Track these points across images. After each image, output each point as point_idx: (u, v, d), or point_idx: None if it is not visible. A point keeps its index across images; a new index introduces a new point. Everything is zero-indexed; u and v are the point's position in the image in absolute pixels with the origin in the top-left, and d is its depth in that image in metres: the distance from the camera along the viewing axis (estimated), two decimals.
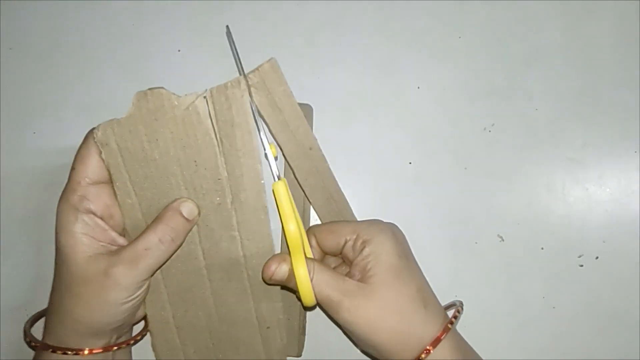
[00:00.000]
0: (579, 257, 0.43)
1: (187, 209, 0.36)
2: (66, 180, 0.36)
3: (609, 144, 0.44)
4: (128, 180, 0.36)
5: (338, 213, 0.41)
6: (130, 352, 0.41)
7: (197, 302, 0.39)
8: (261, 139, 0.36)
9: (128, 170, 0.36)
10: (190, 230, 0.37)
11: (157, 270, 0.36)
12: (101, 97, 0.45)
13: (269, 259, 0.35)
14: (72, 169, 0.35)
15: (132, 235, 0.36)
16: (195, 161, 0.36)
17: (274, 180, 0.35)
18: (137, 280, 0.34)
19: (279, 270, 0.35)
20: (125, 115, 0.36)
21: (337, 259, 0.39)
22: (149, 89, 0.36)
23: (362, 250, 0.35)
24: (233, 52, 0.38)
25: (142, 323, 0.40)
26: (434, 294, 0.36)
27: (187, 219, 0.36)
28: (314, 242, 0.37)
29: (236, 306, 0.39)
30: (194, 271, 0.38)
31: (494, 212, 0.44)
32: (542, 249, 0.43)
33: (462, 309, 0.37)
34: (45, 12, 0.46)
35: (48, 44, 0.46)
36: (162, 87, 0.36)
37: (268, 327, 0.39)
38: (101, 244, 0.35)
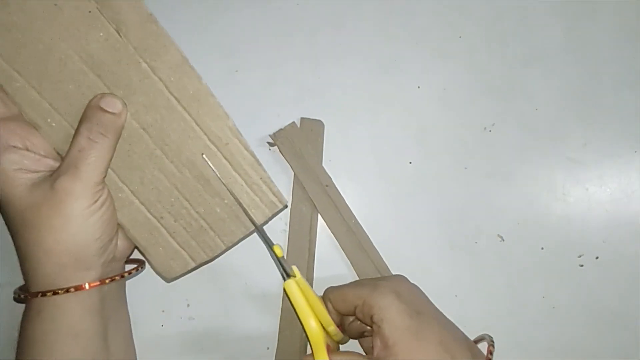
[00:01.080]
0: (579, 257, 0.43)
1: (107, 102, 0.34)
2: None
3: (609, 144, 0.44)
4: (3, 61, 0.33)
5: (357, 243, 0.42)
6: (125, 295, 0.40)
7: (147, 162, 0.36)
8: (265, 240, 0.36)
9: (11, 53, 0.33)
10: (123, 122, 0.35)
11: (104, 169, 0.34)
12: None
13: None
14: None
15: (36, 119, 0.34)
16: (56, 3, 0.33)
17: (284, 279, 0.36)
18: (87, 185, 0.33)
19: None
20: None
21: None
22: None
23: (372, 317, 0.34)
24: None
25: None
26: (459, 338, 0.35)
27: (111, 113, 0.34)
28: (330, 306, 0.37)
29: (184, 140, 0.36)
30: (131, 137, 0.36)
31: (494, 212, 0.44)
32: (542, 249, 0.43)
33: (494, 343, 0.36)
34: None
35: None
36: None
37: (227, 144, 0.37)
38: (39, 173, 0.33)
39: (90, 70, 0.34)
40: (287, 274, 0.36)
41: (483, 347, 0.37)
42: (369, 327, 0.36)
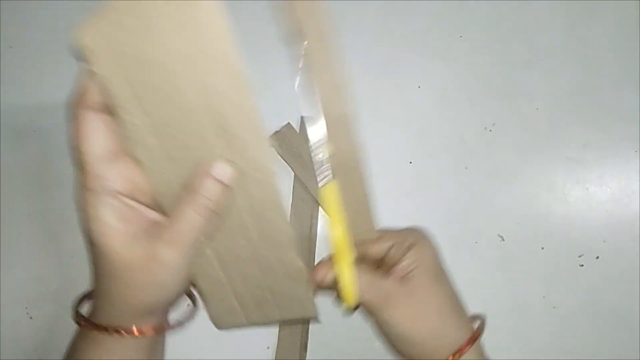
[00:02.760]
0: (580, 256, 0.43)
1: (222, 171, 0.30)
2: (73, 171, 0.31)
3: (610, 143, 0.44)
4: (132, 95, 0.29)
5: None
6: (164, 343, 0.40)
7: (235, 232, 0.33)
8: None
9: (130, 80, 0.28)
10: (230, 194, 0.31)
11: (202, 237, 0.32)
12: None
13: (317, 265, 0.36)
14: (74, 149, 0.30)
15: (145, 166, 0.31)
16: (203, 51, 0.27)
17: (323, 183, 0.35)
18: (185, 258, 0.31)
19: (326, 276, 0.35)
20: (111, 6, 0.27)
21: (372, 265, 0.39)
22: None
23: (406, 252, 0.36)
24: None
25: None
26: (462, 303, 0.37)
27: (223, 185, 0.30)
28: (360, 248, 0.38)
29: (278, 224, 0.33)
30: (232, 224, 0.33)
31: (495, 211, 0.44)
32: (543, 248, 0.43)
33: (484, 322, 0.38)
34: (45, 11, 0.46)
35: (48, 42, 0.46)
36: None
37: None
38: (136, 225, 0.31)
39: (211, 127, 0.30)
40: (326, 180, 0.35)
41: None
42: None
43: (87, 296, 0.38)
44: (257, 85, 0.45)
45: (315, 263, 0.43)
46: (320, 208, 0.43)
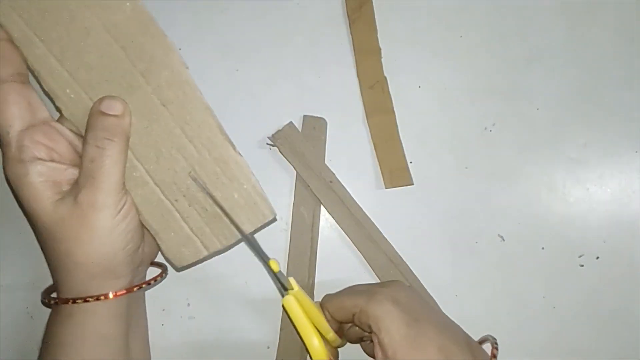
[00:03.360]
0: (580, 257, 0.43)
1: (107, 105, 0.33)
2: None
3: (610, 144, 0.44)
4: (25, 26, 0.32)
5: (368, 236, 0.43)
6: (144, 298, 0.40)
7: (165, 140, 0.34)
8: (261, 256, 0.35)
9: (19, 12, 0.31)
10: (128, 123, 0.33)
11: (121, 174, 0.33)
12: None
13: None
14: None
15: (56, 89, 0.33)
16: None
17: (282, 295, 0.35)
18: (108, 194, 0.33)
19: None
20: None
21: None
22: None
23: (369, 326, 0.34)
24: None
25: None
26: (459, 341, 0.34)
27: (113, 115, 0.33)
28: (327, 314, 0.37)
29: (205, 119, 0.34)
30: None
31: (495, 211, 0.44)
32: (543, 248, 0.43)
33: (497, 345, 0.36)
34: None
35: None
36: None
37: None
38: (62, 184, 0.33)
39: (114, 40, 0.32)
40: (284, 289, 0.35)
41: (487, 348, 0.37)
42: (367, 333, 0.36)
43: (50, 289, 0.38)
44: (258, 86, 0.45)
45: (317, 263, 0.43)
46: (322, 207, 0.43)
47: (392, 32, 0.45)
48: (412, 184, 0.44)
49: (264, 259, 0.35)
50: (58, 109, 0.34)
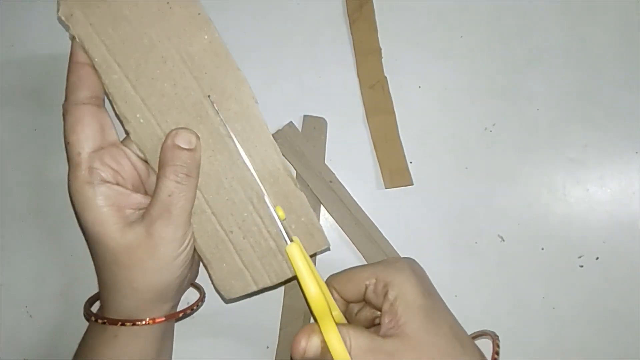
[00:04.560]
0: (579, 257, 0.43)
1: (184, 139, 0.33)
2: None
3: (610, 144, 0.44)
4: (106, 52, 0.33)
5: (368, 235, 0.43)
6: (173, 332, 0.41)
7: (227, 171, 0.35)
8: (267, 204, 0.35)
9: (103, 38, 0.32)
10: (200, 156, 0.34)
11: (192, 208, 0.34)
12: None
13: (296, 334, 0.32)
14: (67, 143, 0.33)
15: (126, 113, 0.34)
16: (168, 2, 0.33)
17: (286, 243, 0.34)
18: (180, 229, 0.33)
19: (311, 346, 0.32)
20: None
21: (361, 303, 0.37)
22: None
23: (385, 294, 0.33)
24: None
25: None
26: (463, 329, 0.34)
27: (189, 150, 0.33)
28: (335, 293, 0.36)
29: (269, 153, 0.35)
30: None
31: (495, 212, 0.44)
32: (543, 249, 0.43)
33: (499, 340, 0.35)
34: (46, 10, 0.46)
35: (49, 42, 0.46)
36: None
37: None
38: (129, 211, 0.34)
39: (188, 71, 0.33)
40: (290, 239, 0.35)
41: (483, 343, 0.37)
42: (379, 313, 0.34)
43: (96, 296, 0.38)
44: (258, 86, 0.45)
45: (316, 263, 0.43)
46: (322, 207, 0.43)
47: (392, 32, 0.45)
48: (412, 184, 0.44)
49: (271, 206, 0.35)
50: (126, 132, 0.34)
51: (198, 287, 0.41)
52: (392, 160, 0.44)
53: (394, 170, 0.43)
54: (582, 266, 0.43)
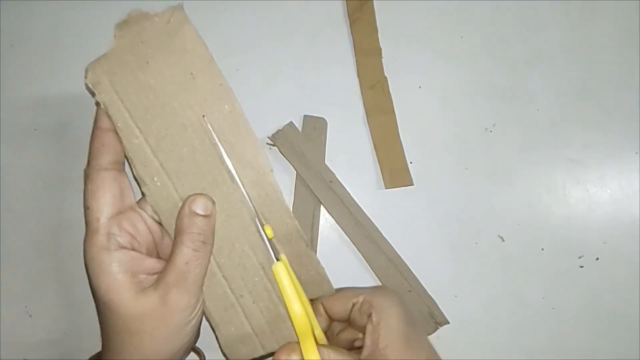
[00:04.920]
0: (579, 258, 0.43)
1: (201, 206, 0.33)
2: (83, 216, 0.33)
3: (610, 145, 0.44)
4: (129, 118, 0.33)
5: (367, 236, 0.43)
6: None
7: (240, 236, 0.35)
8: (257, 222, 0.35)
9: (126, 105, 0.33)
10: (214, 221, 0.34)
11: (205, 274, 0.34)
12: None
13: (277, 351, 0.33)
14: (87, 208, 0.33)
15: (144, 176, 0.34)
16: (192, 73, 0.34)
17: (273, 261, 0.34)
18: (194, 296, 0.33)
19: None
20: (111, 48, 0.34)
21: (343, 324, 0.38)
22: (127, 14, 0.34)
23: (370, 315, 0.33)
24: None
25: None
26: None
27: (205, 216, 0.33)
28: (321, 310, 0.37)
29: (283, 220, 0.35)
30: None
31: (495, 212, 0.44)
32: (543, 249, 0.43)
33: None
34: (46, 9, 0.46)
35: (49, 41, 0.46)
36: (139, 9, 0.34)
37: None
38: (142, 276, 0.33)
39: (207, 138, 0.34)
40: (276, 258, 0.35)
41: None
42: (360, 335, 0.35)
43: (97, 356, 0.37)
44: (258, 85, 0.45)
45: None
46: (322, 207, 0.43)
47: (392, 32, 0.45)
48: (412, 185, 0.44)
49: (259, 223, 0.35)
50: (143, 194, 0.35)
51: (198, 352, 0.41)
52: (392, 160, 0.44)
53: (394, 170, 0.43)
54: (582, 266, 0.43)
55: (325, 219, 0.44)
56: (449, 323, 0.42)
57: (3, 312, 0.44)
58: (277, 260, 0.35)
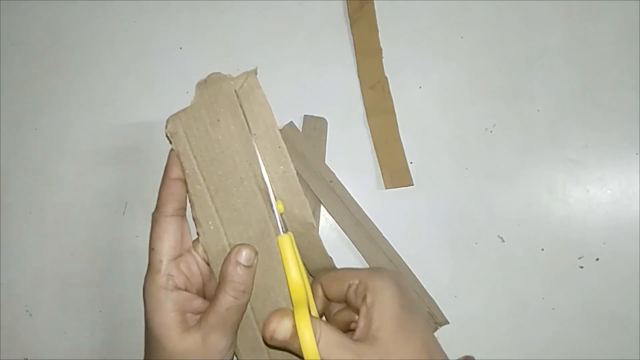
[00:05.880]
0: (579, 258, 0.43)
1: (246, 257, 0.36)
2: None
3: (610, 145, 0.44)
4: (196, 166, 0.37)
5: (367, 236, 0.43)
6: None
7: (278, 284, 0.37)
8: (270, 195, 0.37)
9: (195, 155, 0.37)
10: (255, 272, 0.37)
11: (242, 317, 0.37)
12: (103, 94, 0.45)
13: (270, 315, 0.34)
14: (152, 249, 0.36)
15: (201, 219, 0.37)
16: (255, 134, 0.37)
17: (280, 233, 0.36)
18: (231, 339, 0.36)
19: (281, 328, 0.33)
20: (190, 104, 0.38)
21: (341, 305, 0.38)
22: (208, 75, 0.38)
23: (364, 297, 0.34)
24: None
25: None
26: (439, 346, 0.35)
27: (248, 267, 0.36)
28: (319, 291, 0.37)
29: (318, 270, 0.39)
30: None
31: (495, 212, 0.44)
32: (543, 250, 0.43)
33: None
34: (47, 9, 0.46)
35: (50, 41, 0.46)
36: (219, 72, 0.38)
37: None
38: (189, 315, 0.36)
39: (260, 193, 0.37)
40: (285, 230, 0.36)
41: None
42: (357, 317, 0.35)
43: None
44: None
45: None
46: (322, 207, 0.43)
47: (393, 32, 0.45)
48: (412, 185, 0.44)
49: (271, 200, 0.37)
50: (197, 234, 0.38)
51: None
52: (392, 160, 0.44)
53: (394, 170, 0.43)
54: (582, 267, 0.43)
55: (325, 219, 0.44)
56: (448, 323, 0.42)
57: (3, 312, 0.44)
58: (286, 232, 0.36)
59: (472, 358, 0.38)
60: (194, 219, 0.37)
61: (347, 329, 0.38)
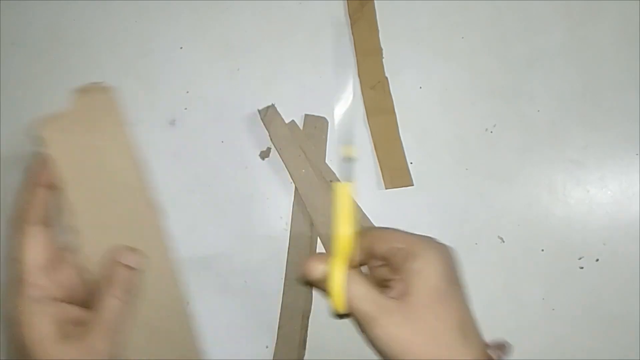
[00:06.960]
0: (580, 259, 0.43)
1: (129, 259, 0.36)
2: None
3: (611, 145, 0.44)
4: (72, 172, 0.36)
5: None
6: None
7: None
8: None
9: (72, 161, 0.37)
10: (138, 272, 0.37)
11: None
12: None
13: (310, 257, 0.34)
14: (15, 260, 0.34)
15: (79, 227, 0.36)
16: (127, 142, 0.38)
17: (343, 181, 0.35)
18: (114, 342, 0.35)
19: (315, 270, 0.33)
20: (67, 109, 0.37)
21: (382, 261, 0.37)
22: (86, 84, 0.39)
23: (407, 262, 0.32)
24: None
25: None
26: (477, 327, 0.33)
27: (133, 269, 0.36)
28: (365, 242, 0.35)
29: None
30: None
31: (495, 213, 0.44)
32: (543, 250, 0.43)
33: (509, 353, 0.34)
34: (47, 9, 0.46)
35: (50, 40, 0.46)
36: (100, 81, 0.40)
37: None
38: (66, 325, 0.34)
39: (142, 199, 0.39)
40: (346, 180, 0.35)
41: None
42: (396, 277, 0.34)
43: None
44: (259, 85, 0.45)
45: None
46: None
47: (393, 32, 0.45)
48: (412, 185, 0.44)
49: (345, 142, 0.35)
50: (74, 244, 0.37)
51: None
52: (392, 160, 0.44)
53: (394, 171, 0.43)
54: (582, 268, 0.43)
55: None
56: None
57: (4, 312, 0.44)
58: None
59: (507, 343, 0.36)
60: (70, 228, 0.36)
61: (383, 286, 0.36)
